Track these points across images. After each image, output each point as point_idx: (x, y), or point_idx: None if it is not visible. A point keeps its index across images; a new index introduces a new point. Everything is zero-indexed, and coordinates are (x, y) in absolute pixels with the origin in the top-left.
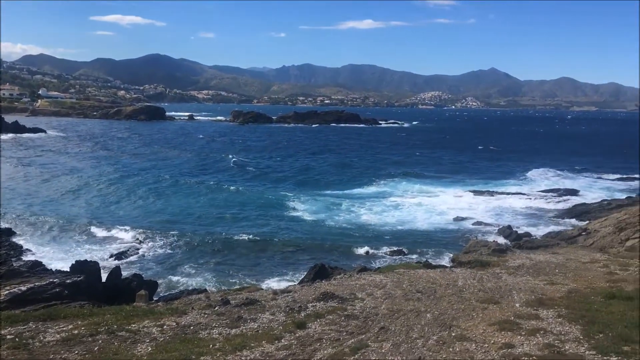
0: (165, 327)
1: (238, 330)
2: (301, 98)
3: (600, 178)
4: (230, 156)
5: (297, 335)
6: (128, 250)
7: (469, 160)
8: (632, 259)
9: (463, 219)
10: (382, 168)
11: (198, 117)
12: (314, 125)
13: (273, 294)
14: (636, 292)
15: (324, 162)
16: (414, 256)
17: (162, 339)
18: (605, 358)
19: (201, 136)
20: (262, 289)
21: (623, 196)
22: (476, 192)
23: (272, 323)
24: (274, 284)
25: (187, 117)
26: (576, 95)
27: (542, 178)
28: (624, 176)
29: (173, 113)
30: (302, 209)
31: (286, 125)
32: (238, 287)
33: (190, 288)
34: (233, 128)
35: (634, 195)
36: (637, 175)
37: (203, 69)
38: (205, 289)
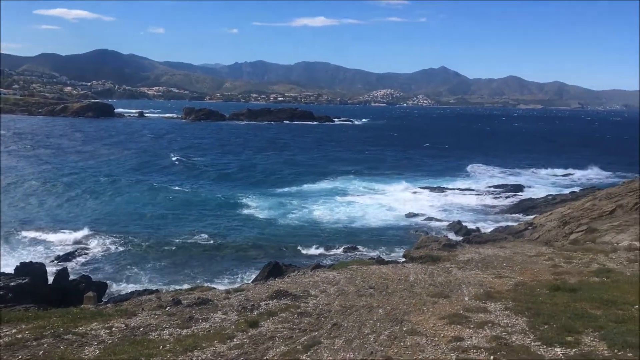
0: (114, 329)
1: (189, 330)
2: (254, 95)
3: (545, 174)
4: (178, 155)
5: (249, 334)
6: (76, 251)
7: (419, 157)
8: (576, 252)
9: (414, 215)
10: (334, 165)
11: (148, 114)
12: (267, 123)
13: (226, 293)
14: (579, 284)
15: (275, 160)
16: (367, 252)
17: (110, 341)
18: (549, 348)
19: (149, 134)
20: (215, 289)
21: (567, 191)
22: (426, 189)
23: (224, 322)
24: (227, 283)
25: (137, 114)
26: (522, 94)
27: (490, 174)
28: (568, 172)
29: (122, 110)
30: (254, 206)
31: (239, 122)
32: (190, 287)
33: (141, 289)
34: (184, 125)
35: (577, 190)
36: (579, 172)
37: (153, 65)
38: (157, 290)
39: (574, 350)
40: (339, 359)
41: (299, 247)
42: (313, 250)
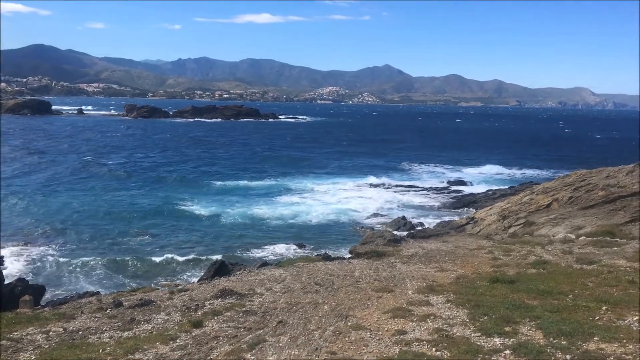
0: (51, 333)
1: (130, 332)
2: (199, 92)
3: (485, 170)
4: (113, 154)
5: (193, 334)
6: (11, 254)
7: (364, 154)
8: (514, 244)
9: (360, 211)
10: (279, 162)
11: (88, 111)
12: (212, 120)
13: (169, 294)
14: (517, 275)
15: (219, 158)
16: (314, 249)
17: (47, 346)
18: (488, 339)
19: (88, 132)
20: (158, 289)
21: (506, 186)
22: (372, 186)
23: (167, 323)
24: (171, 283)
25: (76, 112)
26: (463, 92)
27: (433, 171)
28: (507, 168)
29: (60, 107)
30: (196, 205)
31: (184, 120)
32: (132, 288)
33: (82, 291)
34: (127, 122)
35: (515, 185)
36: (519, 169)
37: (93, 61)
38: (98, 292)
39: (511, 339)
40: (284, 356)
41: (245, 246)
42: (260, 249)
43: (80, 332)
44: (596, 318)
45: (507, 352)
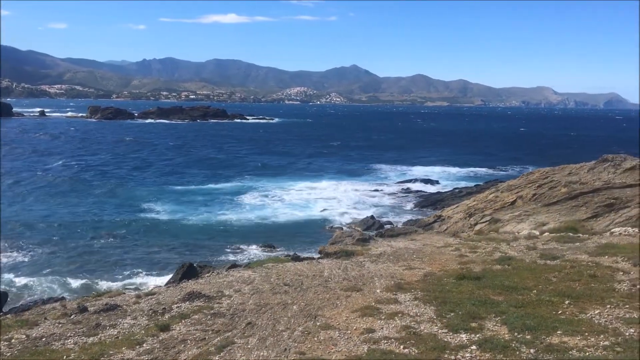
0: (13, 340)
1: (96, 338)
2: (165, 93)
3: (452, 169)
4: (75, 156)
5: (160, 338)
6: None
7: (332, 154)
8: (480, 241)
9: (329, 211)
10: (247, 163)
11: (50, 113)
12: (179, 121)
13: (136, 298)
14: (483, 272)
15: (185, 159)
16: (284, 250)
17: (9, 353)
18: (455, 335)
19: (42, 134)
20: (125, 293)
21: (472, 184)
22: (340, 185)
23: (133, 328)
24: (138, 287)
25: (37, 114)
26: (429, 91)
27: (400, 170)
28: (473, 166)
29: (21, 109)
30: (161, 208)
31: (149, 121)
32: (98, 292)
33: (46, 297)
34: (90, 125)
35: (481, 183)
36: (484, 168)
37: (55, 61)
38: (62, 297)
39: (477, 335)
40: (253, 357)
41: (214, 248)
42: (229, 251)
43: (43, 339)
44: (559, 312)
45: (473, 347)
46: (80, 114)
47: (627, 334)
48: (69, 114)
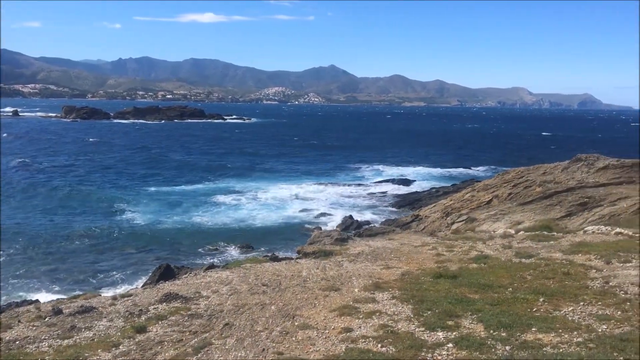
0: None
1: (71, 340)
2: (141, 93)
3: (429, 169)
4: (48, 157)
5: (136, 340)
6: None
7: (310, 154)
8: (457, 240)
9: (307, 211)
10: (227, 164)
11: (24, 113)
12: (156, 121)
13: (112, 300)
14: (460, 270)
15: (159, 159)
16: (262, 250)
17: None
18: (432, 333)
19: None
20: (100, 295)
21: (449, 184)
22: (318, 185)
23: (109, 330)
24: (114, 288)
25: (10, 114)
26: (407, 92)
27: (378, 170)
28: (449, 166)
29: None
30: (135, 209)
31: (125, 121)
32: (73, 294)
33: (20, 300)
34: (64, 125)
35: (458, 182)
36: (460, 168)
37: (29, 61)
38: (37, 300)
39: (454, 333)
40: (231, 358)
41: (192, 248)
42: (207, 251)
43: (17, 342)
44: (534, 310)
45: (450, 345)
46: (55, 114)
47: (600, 330)
48: (39, 114)
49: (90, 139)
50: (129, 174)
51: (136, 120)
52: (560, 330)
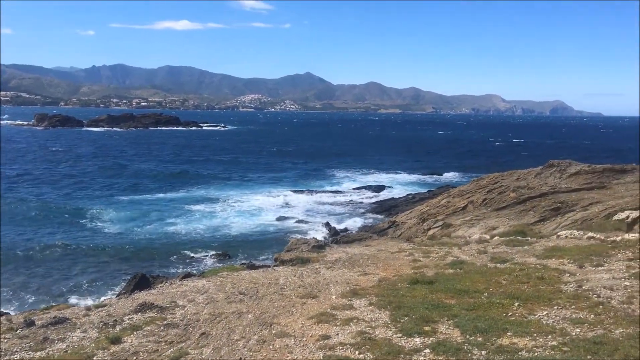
0: None
1: (43, 352)
2: (115, 100)
3: (405, 175)
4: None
5: (111, 351)
6: None
7: (286, 162)
8: (433, 246)
9: (284, 218)
10: (202, 172)
11: None
12: (130, 129)
13: (86, 310)
14: (436, 276)
15: (133, 167)
16: (239, 258)
17: None
18: (409, 339)
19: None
20: (74, 306)
21: (425, 190)
22: (295, 192)
23: (83, 341)
24: (88, 299)
25: None
26: (383, 99)
27: (354, 177)
28: (425, 173)
29: None
30: (108, 219)
31: (99, 129)
32: (46, 306)
33: None
34: (36, 133)
35: (434, 189)
36: (437, 172)
37: None
38: (8, 312)
39: (431, 338)
40: None
41: (167, 257)
42: (183, 260)
43: None
44: (509, 314)
45: (427, 351)
46: (26, 122)
47: (574, 333)
48: (8, 122)
49: (59, 148)
50: (101, 183)
51: (110, 128)
52: (535, 334)
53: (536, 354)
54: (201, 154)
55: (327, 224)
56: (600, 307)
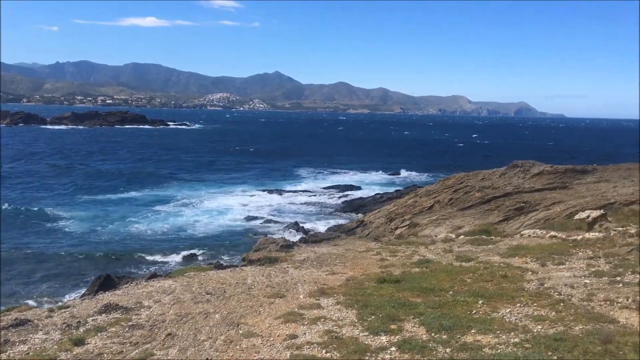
0: None
1: (4, 355)
2: (79, 97)
3: (372, 175)
4: None
5: (74, 353)
6: None
7: (254, 161)
8: (400, 245)
9: (253, 218)
10: (167, 171)
11: None
12: (95, 127)
13: (48, 312)
14: (403, 275)
15: (96, 166)
16: (207, 258)
17: None
18: (376, 337)
19: None
20: (36, 308)
21: (392, 190)
22: (263, 192)
23: (45, 343)
24: (51, 300)
25: None
26: (351, 99)
27: (322, 177)
28: (392, 173)
29: None
30: (71, 217)
31: (63, 127)
32: (7, 307)
33: None
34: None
35: (401, 188)
36: (403, 172)
37: None
38: None
39: (397, 337)
40: None
41: (133, 258)
42: (149, 260)
43: None
44: (473, 312)
45: (393, 349)
46: None
47: (535, 330)
48: None
49: (19, 147)
50: (63, 183)
51: (75, 126)
52: (498, 332)
53: (499, 350)
54: (167, 153)
55: (296, 224)
56: (561, 304)
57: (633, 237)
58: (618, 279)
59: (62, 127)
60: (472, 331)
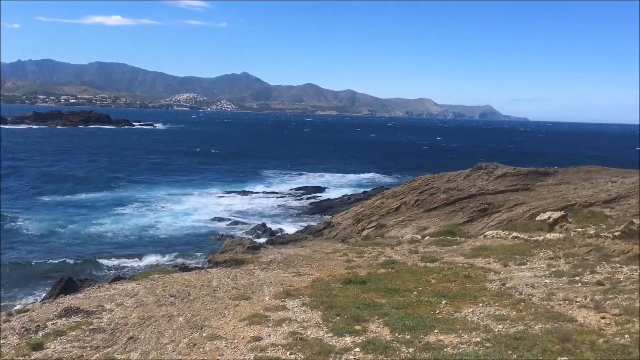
0: None
1: None
2: (42, 97)
3: (340, 177)
4: None
5: (32, 357)
6: None
7: (220, 162)
8: (367, 246)
9: (219, 219)
10: (129, 172)
11: None
12: (58, 127)
13: (6, 316)
14: (368, 276)
15: (55, 166)
16: (172, 260)
17: None
18: (340, 338)
19: None
20: None
21: (360, 191)
22: (230, 193)
23: (2, 348)
24: (9, 304)
25: None
26: (320, 100)
27: (289, 178)
28: (360, 174)
29: None
30: (29, 219)
31: (24, 127)
32: None
33: None
34: None
35: (369, 190)
36: (370, 174)
37: None
38: None
39: (361, 337)
40: None
41: (95, 260)
42: (113, 263)
43: None
44: (437, 312)
45: (357, 349)
46: None
47: (497, 330)
48: None
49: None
50: (21, 183)
51: (37, 126)
52: (460, 331)
53: (460, 350)
54: (131, 154)
55: (263, 225)
56: (522, 304)
57: (592, 237)
58: (577, 278)
59: (23, 126)
60: (435, 331)
